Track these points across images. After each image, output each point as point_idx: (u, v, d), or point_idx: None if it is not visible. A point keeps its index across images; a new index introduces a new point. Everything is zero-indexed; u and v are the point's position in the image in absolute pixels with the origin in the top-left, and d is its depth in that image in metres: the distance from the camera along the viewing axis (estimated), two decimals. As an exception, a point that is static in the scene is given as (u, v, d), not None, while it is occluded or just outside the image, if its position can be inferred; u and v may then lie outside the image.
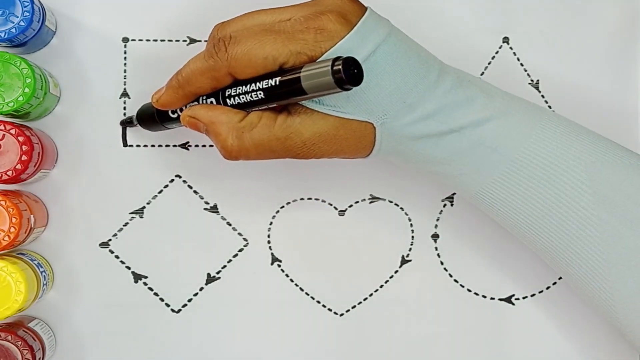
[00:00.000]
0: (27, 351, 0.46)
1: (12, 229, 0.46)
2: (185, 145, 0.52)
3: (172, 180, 0.52)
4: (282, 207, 0.52)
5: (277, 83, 0.39)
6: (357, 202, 0.53)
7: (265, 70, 0.40)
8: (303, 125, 0.41)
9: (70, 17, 0.51)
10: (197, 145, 0.52)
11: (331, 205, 0.52)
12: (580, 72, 0.53)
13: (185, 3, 0.52)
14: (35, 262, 0.49)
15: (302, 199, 0.52)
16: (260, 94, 0.40)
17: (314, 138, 0.41)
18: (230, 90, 0.42)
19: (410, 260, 0.53)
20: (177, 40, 0.52)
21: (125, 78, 0.51)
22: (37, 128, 0.50)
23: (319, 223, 0.52)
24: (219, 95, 0.42)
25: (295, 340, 0.52)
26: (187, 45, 0.52)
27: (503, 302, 0.53)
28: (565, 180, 0.42)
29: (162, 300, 0.52)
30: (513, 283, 0.53)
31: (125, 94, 0.51)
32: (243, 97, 0.41)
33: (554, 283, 0.53)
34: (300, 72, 0.38)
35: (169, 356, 0.52)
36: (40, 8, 0.48)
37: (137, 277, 0.52)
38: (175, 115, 0.45)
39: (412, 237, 0.53)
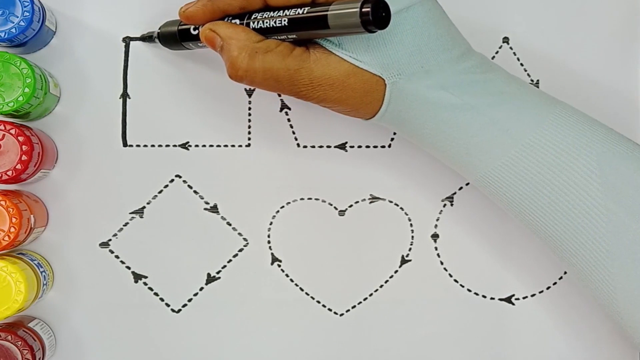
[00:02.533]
0: (27, 351, 0.46)
1: (12, 229, 0.46)
2: (185, 145, 0.52)
3: (172, 180, 0.52)
4: (282, 207, 0.52)
5: (305, 12, 0.40)
6: (357, 202, 0.53)
7: (300, 0, 0.41)
8: (316, 64, 0.41)
9: (70, 17, 0.51)
10: (197, 145, 0.52)
11: (331, 205, 0.52)
12: (581, 72, 0.53)
13: (185, 3, 0.52)
14: (35, 262, 0.49)
15: (302, 199, 0.52)
16: (284, 20, 0.41)
17: (322, 79, 0.42)
18: (257, 14, 0.43)
19: (410, 260, 0.53)
20: (177, 40, 0.52)
21: (125, 78, 0.51)
22: (37, 128, 0.50)
23: (319, 223, 0.52)
24: (244, 18, 0.43)
25: (295, 340, 0.52)
26: (187, 45, 0.52)
27: (503, 302, 0.53)
28: (575, 168, 0.42)
29: (162, 300, 0.52)
30: (513, 283, 0.53)
31: (125, 94, 0.51)
32: (267, 22, 0.42)
33: (554, 283, 0.53)
34: (329, 6, 0.39)
35: (169, 356, 0.52)
36: (40, 8, 0.48)
37: (137, 277, 0.52)
38: (196, 32, 0.46)
39: (412, 237, 0.53)
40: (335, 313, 0.53)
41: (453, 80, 0.42)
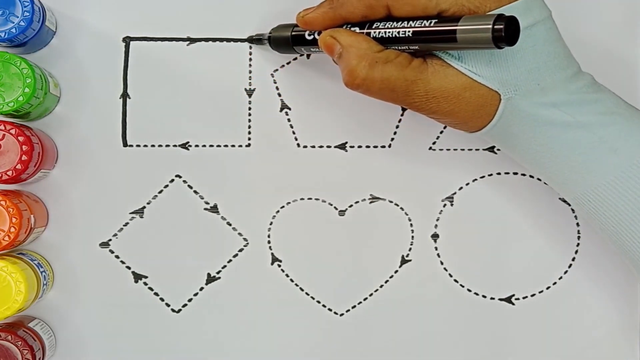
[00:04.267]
0: (27, 351, 0.46)
1: (12, 229, 0.46)
2: (185, 145, 0.52)
3: (172, 180, 0.52)
4: (282, 207, 0.52)
5: (432, 25, 0.40)
6: (357, 202, 0.53)
7: (424, 12, 0.41)
8: (434, 75, 0.42)
9: (70, 17, 0.51)
10: (197, 145, 0.52)
11: (331, 205, 0.52)
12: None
13: (185, 3, 0.52)
14: (35, 262, 0.49)
15: (302, 199, 0.52)
16: (408, 31, 0.41)
17: (437, 91, 0.42)
18: (379, 23, 0.43)
19: (410, 260, 0.53)
20: (178, 40, 0.52)
21: (125, 78, 0.51)
22: (37, 128, 0.50)
23: (319, 223, 0.52)
24: (364, 26, 0.43)
25: (295, 340, 0.52)
26: (188, 45, 0.52)
27: (503, 302, 0.53)
28: None
29: (162, 300, 0.52)
30: (513, 283, 0.53)
31: (125, 94, 0.51)
32: (389, 32, 0.42)
33: (554, 283, 0.53)
34: (458, 21, 0.39)
35: (169, 356, 0.52)
36: (40, 8, 0.48)
37: (137, 277, 0.52)
38: (310, 38, 0.46)
39: (412, 237, 0.53)
40: (335, 313, 0.53)
41: (565, 99, 0.42)
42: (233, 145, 0.52)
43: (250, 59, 0.52)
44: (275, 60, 0.52)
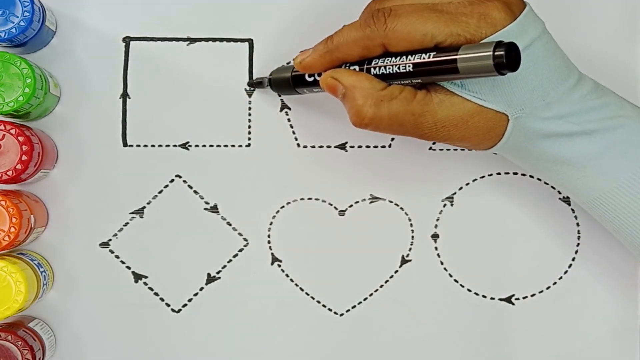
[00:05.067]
0: (27, 351, 0.46)
1: (12, 229, 0.46)
2: (185, 145, 0.52)
3: (172, 180, 0.52)
4: (282, 207, 0.52)
5: (431, 59, 0.40)
6: (357, 202, 0.53)
7: (421, 46, 0.40)
8: (440, 106, 0.41)
9: (70, 17, 0.51)
10: (197, 145, 0.52)
11: (331, 205, 0.52)
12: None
13: (185, 3, 0.52)
14: (35, 262, 0.49)
15: (302, 199, 0.52)
16: (409, 66, 0.41)
17: (446, 120, 0.42)
18: (377, 60, 0.42)
19: (410, 260, 0.53)
20: (178, 40, 0.52)
21: (125, 78, 0.51)
22: (37, 128, 0.50)
23: (319, 223, 0.52)
24: (364, 64, 0.43)
25: (295, 340, 0.52)
26: (188, 45, 0.52)
27: (503, 302, 0.53)
28: None
29: (162, 300, 0.52)
30: (513, 283, 0.53)
31: (125, 94, 0.51)
32: (389, 68, 0.42)
33: (554, 283, 0.53)
34: (457, 52, 0.39)
35: (169, 356, 0.52)
36: (40, 8, 0.48)
37: (137, 277, 0.52)
38: (311, 79, 0.46)
39: (412, 237, 0.53)
40: (335, 313, 0.53)
41: (571, 109, 0.42)
42: (233, 145, 0.52)
43: (251, 59, 0.52)
44: (275, 60, 0.52)
